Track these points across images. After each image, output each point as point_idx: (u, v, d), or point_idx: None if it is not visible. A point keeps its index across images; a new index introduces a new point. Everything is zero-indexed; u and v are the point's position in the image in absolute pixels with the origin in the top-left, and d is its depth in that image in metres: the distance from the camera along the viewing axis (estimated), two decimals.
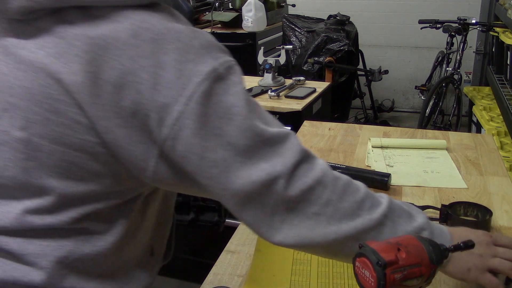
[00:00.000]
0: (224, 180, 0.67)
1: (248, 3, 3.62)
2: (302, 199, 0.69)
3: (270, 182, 0.67)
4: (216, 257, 1.01)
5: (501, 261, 0.81)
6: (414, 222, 0.77)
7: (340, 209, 0.71)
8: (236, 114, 0.66)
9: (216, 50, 0.70)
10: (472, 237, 0.80)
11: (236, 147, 0.66)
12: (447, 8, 4.63)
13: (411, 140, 1.60)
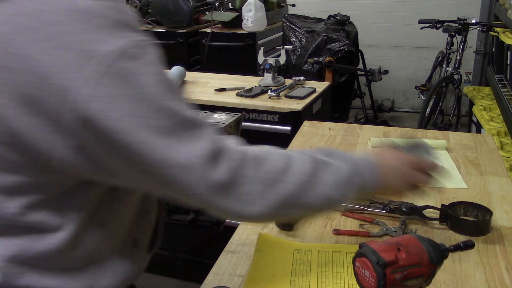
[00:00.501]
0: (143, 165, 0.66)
1: (248, 3, 3.61)
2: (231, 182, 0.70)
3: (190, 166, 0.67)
4: (216, 257, 1.01)
5: (421, 175, 0.90)
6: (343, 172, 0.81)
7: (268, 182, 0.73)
8: (146, 94, 0.65)
9: (125, 28, 0.66)
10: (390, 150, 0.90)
11: (152, 128, 0.65)
12: (447, 8, 4.63)
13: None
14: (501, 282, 0.92)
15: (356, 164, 0.83)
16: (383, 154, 0.90)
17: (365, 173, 0.83)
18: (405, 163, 0.89)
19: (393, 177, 0.87)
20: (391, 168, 0.87)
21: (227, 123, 1.19)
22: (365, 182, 0.83)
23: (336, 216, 1.16)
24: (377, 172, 0.85)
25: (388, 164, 0.88)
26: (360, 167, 0.83)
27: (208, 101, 2.18)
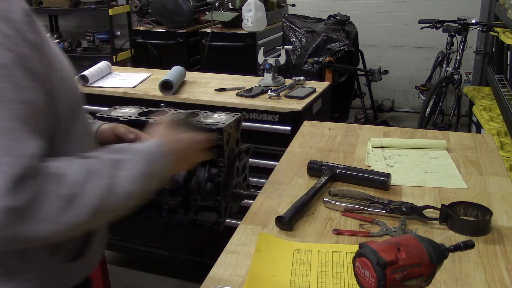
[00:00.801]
0: None
1: (248, 3, 3.61)
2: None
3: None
4: (216, 257, 1.01)
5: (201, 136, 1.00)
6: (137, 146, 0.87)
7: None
8: None
9: None
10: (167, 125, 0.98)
11: None
12: (447, 8, 4.63)
13: (411, 140, 1.59)
14: (501, 282, 0.92)
15: (147, 154, 0.87)
16: (167, 137, 0.96)
17: (157, 161, 0.88)
18: (187, 142, 0.97)
19: (180, 157, 0.94)
20: (177, 150, 0.94)
21: (227, 123, 1.19)
22: (159, 169, 0.88)
23: (336, 216, 1.16)
24: (167, 157, 0.90)
25: (174, 147, 0.93)
26: (152, 156, 0.87)
27: (208, 101, 2.18)
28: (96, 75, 2.48)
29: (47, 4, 4.85)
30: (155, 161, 0.87)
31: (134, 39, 4.11)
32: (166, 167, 0.90)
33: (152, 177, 0.86)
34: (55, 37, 5.20)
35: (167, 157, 0.90)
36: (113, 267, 2.66)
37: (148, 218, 1.26)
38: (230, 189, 1.24)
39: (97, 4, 4.76)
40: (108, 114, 1.27)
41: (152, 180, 0.86)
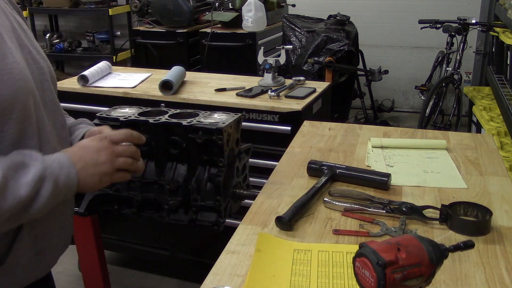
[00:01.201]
0: None
1: (248, 3, 3.61)
2: None
3: None
4: (216, 257, 1.01)
5: (125, 159, 0.98)
6: (31, 170, 0.85)
7: None
8: None
9: None
10: (90, 146, 0.95)
11: None
12: (447, 8, 4.63)
13: (411, 140, 1.59)
14: (501, 282, 0.92)
15: (47, 160, 0.88)
16: (81, 148, 0.96)
17: (58, 171, 0.88)
18: (106, 152, 0.96)
19: (88, 155, 0.94)
20: (90, 162, 0.94)
21: (227, 123, 1.19)
22: (59, 179, 0.87)
23: (336, 216, 1.16)
24: (72, 169, 0.90)
25: (86, 158, 0.93)
26: (53, 165, 0.88)
27: (208, 101, 2.18)
28: (96, 75, 2.48)
29: (47, 4, 4.85)
30: (55, 171, 0.87)
31: (134, 39, 4.11)
32: (68, 178, 0.89)
33: (49, 183, 0.86)
34: (55, 37, 5.20)
35: (71, 168, 0.90)
36: (113, 267, 2.66)
37: (148, 218, 1.26)
38: (230, 189, 1.24)
39: (97, 4, 4.75)
40: (108, 114, 1.27)
41: (48, 187, 0.86)
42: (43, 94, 0.99)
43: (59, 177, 0.88)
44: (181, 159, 1.22)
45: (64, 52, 5.12)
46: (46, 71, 1.02)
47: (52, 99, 1.03)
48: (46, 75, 1.02)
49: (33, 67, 0.97)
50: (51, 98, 1.03)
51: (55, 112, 1.04)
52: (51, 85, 1.04)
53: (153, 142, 1.22)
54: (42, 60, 1.02)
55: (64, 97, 2.45)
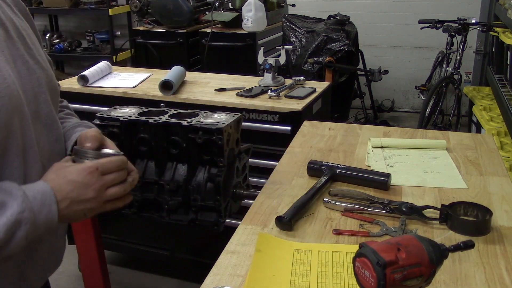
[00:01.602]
0: None
1: (248, 3, 3.61)
2: None
3: None
4: (216, 257, 1.01)
5: (115, 190, 0.90)
6: (7, 211, 0.78)
7: None
8: None
9: None
10: (78, 181, 0.86)
11: None
12: (447, 8, 4.64)
13: (411, 140, 1.59)
14: (501, 282, 0.92)
15: (27, 200, 0.80)
16: (68, 183, 0.86)
17: (38, 209, 0.81)
18: (94, 187, 0.87)
19: (74, 193, 0.85)
20: (75, 199, 0.85)
21: (227, 123, 1.19)
22: (39, 219, 0.81)
23: (336, 216, 1.16)
24: (52, 207, 0.82)
25: (72, 195, 0.85)
26: (33, 203, 0.80)
27: (208, 101, 2.18)
28: (96, 75, 2.49)
29: (47, 4, 4.85)
30: (34, 208, 0.80)
31: (134, 39, 4.11)
32: (49, 214, 0.82)
33: (24, 225, 0.79)
34: (55, 37, 5.20)
35: (52, 203, 0.83)
36: (113, 267, 2.66)
37: (148, 218, 1.26)
38: (230, 189, 1.24)
39: (97, 4, 4.76)
40: (108, 114, 1.27)
41: (24, 229, 0.79)
42: (36, 108, 0.93)
43: (38, 216, 0.81)
44: (181, 159, 1.22)
45: (64, 52, 5.12)
46: (44, 82, 0.96)
47: (47, 113, 0.97)
48: (43, 86, 0.95)
49: (26, 79, 0.91)
50: (47, 111, 0.97)
51: (50, 125, 0.98)
52: (48, 96, 0.97)
53: (153, 142, 1.22)
54: (40, 70, 0.96)
55: (64, 97, 2.43)
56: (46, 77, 0.98)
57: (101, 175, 0.88)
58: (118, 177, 0.91)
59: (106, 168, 0.89)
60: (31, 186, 0.83)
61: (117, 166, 0.91)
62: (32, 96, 0.92)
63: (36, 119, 0.93)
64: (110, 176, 0.89)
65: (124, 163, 0.93)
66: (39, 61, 0.96)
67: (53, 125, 0.99)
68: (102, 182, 0.88)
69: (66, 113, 1.19)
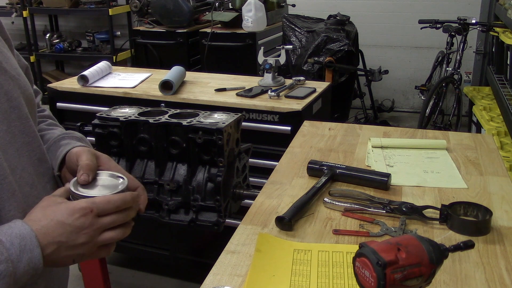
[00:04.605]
0: None
1: (248, 3, 3.62)
2: None
3: None
4: (216, 257, 1.01)
5: (111, 235, 0.79)
6: None
7: None
8: None
9: None
10: (69, 224, 0.74)
11: None
12: (447, 8, 4.64)
13: (411, 140, 1.59)
14: (501, 282, 0.92)
15: (4, 249, 0.69)
16: (58, 224, 0.75)
17: (17, 258, 0.70)
18: (87, 231, 0.76)
19: (63, 237, 0.75)
20: (64, 244, 0.75)
21: (227, 123, 1.19)
22: (19, 268, 0.70)
23: (336, 216, 1.16)
24: (34, 252, 0.72)
25: (61, 238, 0.74)
26: (10, 252, 0.70)
27: (208, 101, 2.18)
28: (96, 75, 2.49)
29: (47, 4, 4.85)
30: (14, 258, 0.69)
31: (134, 39, 4.11)
32: (30, 267, 0.71)
33: (2, 278, 0.68)
34: (55, 37, 5.20)
35: (35, 250, 0.72)
36: (113, 267, 2.66)
37: (148, 218, 1.26)
38: (230, 189, 1.24)
39: (97, 4, 4.76)
40: (108, 114, 1.27)
41: (3, 284, 0.68)
42: (8, 128, 0.81)
43: (18, 265, 0.70)
44: (181, 159, 1.22)
45: (64, 52, 5.12)
46: (16, 95, 0.83)
47: (24, 129, 0.84)
48: (14, 100, 0.83)
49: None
50: (23, 128, 0.84)
51: (29, 143, 0.85)
52: (23, 110, 0.84)
53: (153, 142, 1.22)
54: (10, 81, 0.83)
55: (64, 97, 2.45)
56: (19, 87, 0.85)
57: (97, 217, 0.77)
58: (116, 220, 0.80)
59: (102, 209, 0.78)
60: (8, 229, 0.72)
61: (116, 207, 0.79)
62: (1, 114, 0.80)
63: (11, 141, 0.81)
64: (107, 218, 0.78)
65: (126, 202, 0.81)
66: (7, 71, 0.83)
67: (34, 143, 0.87)
68: (97, 225, 0.77)
69: (48, 123, 1.05)
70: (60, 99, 2.44)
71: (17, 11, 4.90)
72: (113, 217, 0.79)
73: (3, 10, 5.12)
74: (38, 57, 5.11)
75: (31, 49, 5.03)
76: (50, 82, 4.21)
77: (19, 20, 5.01)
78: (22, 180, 0.82)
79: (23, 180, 0.82)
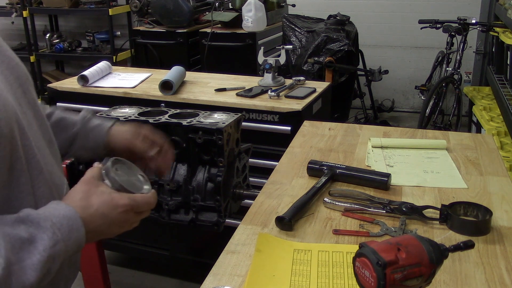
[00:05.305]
0: None
1: (248, 3, 3.61)
2: None
3: None
4: (216, 257, 1.01)
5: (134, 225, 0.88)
6: (39, 246, 0.71)
7: None
8: None
9: None
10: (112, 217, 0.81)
11: None
12: (447, 8, 4.63)
13: (411, 140, 1.60)
14: (501, 282, 0.92)
15: (57, 230, 0.74)
16: (102, 217, 0.81)
17: (67, 237, 0.75)
18: (122, 225, 0.84)
19: (102, 227, 0.81)
20: (102, 232, 0.82)
21: (227, 123, 1.19)
22: (69, 246, 0.75)
23: (336, 216, 1.16)
24: (80, 231, 0.77)
25: (102, 228, 0.81)
26: (62, 231, 0.75)
27: (208, 101, 2.18)
28: (96, 75, 2.49)
29: (47, 4, 4.85)
30: (64, 238, 0.74)
31: (134, 39, 4.11)
32: (78, 240, 0.77)
33: (60, 255, 0.74)
34: (55, 37, 5.20)
35: (80, 229, 0.77)
36: (113, 267, 2.66)
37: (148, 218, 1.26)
38: (230, 189, 1.24)
39: (97, 4, 4.76)
40: (108, 114, 1.27)
41: (59, 259, 0.74)
42: (25, 111, 0.84)
43: (69, 243, 0.76)
44: (181, 159, 1.23)
45: (64, 52, 5.12)
46: (25, 80, 0.87)
47: (35, 113, 0.88)
48: (24, 85, 0.86)
49: (10, 80, 0.83)
50: (34, 112, 0.87)
51: (41, 126, 0.89)
52: (32, 95, 0.88)
53: None
54: (17, 67, 0.87)
55: (64, 97, 2.45)
56: (24, 73, 0.89)
57: (134, 214, 0.85)
58: (144, 216, 0.89)
59: (140, 208, 0.86)
60: (54, 211, 0.77)
61: (149, 207, 0.87)
62: (19, 99, 0.83)
63: (29, 123, 0.84)
64: (140, 216, 0.87)
65: (155, 201, 0.89)
66: (13, 58, 0.87)
67: (44, 125, 0.91)
68: (132, 221, 0.86)
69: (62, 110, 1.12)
70: (60, 99, 2.44)
71: (17, 11, 4.90)
72: (145, 214, 0.88)
73: (3, 10, 5.12)
74: (38, 57, 5.11)
75: (31, 49, 5.03)
76: (50, 82, 4.21)
77: (19, 20, 5.01)
78: (45, 159, 0.86)
79: (46, 159, 0.86)
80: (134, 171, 0.91)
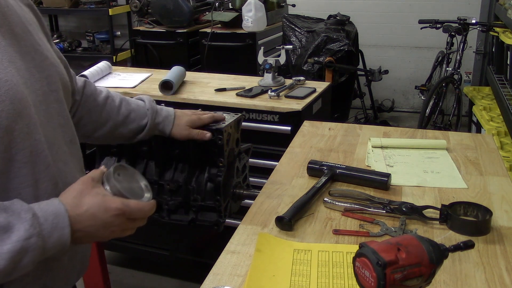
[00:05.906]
0: None
1: (248, 3, 3.61)
2: None
3: None
4: (216, 257, 1.01)
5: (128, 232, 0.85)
6: (13, 236, 0.72)
7: None
8: None
9: None
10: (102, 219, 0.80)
11: None
12: (447, 8, 4.63)
13: (411, 140, 1.60)
14: (501, 282, 0.92)
15: (37, 223, 0.74)
16: (91, 217, 0.80)
17: (48, 233, 0.75)
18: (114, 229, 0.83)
19: (91, 229, 0.81)
20: (92, 233, 0.81)
21: (227, 123, 1.19)
22: (49, 243, 0.75)
23: (336, 216, 1.16)
24: (65, 230, 0.77)
25: (91, 229, 0.80)
26: (44, 227, 0.75)
27: (208, 101, 2.18)
28: (96, 75, 2.48)
29: (47, 4, 4.85)
30: (44, 233, 0.74)
31: (134, 39, 4.11)
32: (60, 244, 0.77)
33: (32, 251, 0.73)
34: (55, 37, 5.20)
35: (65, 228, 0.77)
36: (113, 267, 2.66)
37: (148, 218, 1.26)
38: (230, 189, 1.24)
39: (97, 4, 4.76)
40: None
41: (29, 256, 0.73)
42: (48, 108, 0.88)
43: (48, 240, 0.75)
44: (181, 159, 1.22)
45: (64, 52, 5.11)
46: (55, 80, 0.90)
47: (60, 112, 0.91)
48: (54, 84, 0.90)
49: (36, 77, 0.86)
50: (59, 111, 0.91)
51: (63, 126, 0.92)
52: (60, 94, 0.92)
53: (153, 142, 1.22)
54: (50, 67, 0.90)
55: None
56: (57, 73, 0.92)
57: (126, 219, 0.83)
58: (139, 224, 0.86)
59: (133, 214, 0.83)
60: (45, 206, 0.78)
61: (143, 215, 0.85)
62: (42, 95, 0.86)
63: (48, 120, 0.87)
64: (133, 223, 0.85)
65: (151, 211, 0.86)
66: (48, 58, 0.91)
67: (67, 125, 0.94)
68: (124, 226, 0.84)
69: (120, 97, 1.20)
70: None
71: None
72: (138, 222, 0.86)
73: None
74: None
75: None
76: None
77: None
78: (57, 157, 0.88)
79: (58, 157, 0.88)
80: (138, 179, 0.90)
